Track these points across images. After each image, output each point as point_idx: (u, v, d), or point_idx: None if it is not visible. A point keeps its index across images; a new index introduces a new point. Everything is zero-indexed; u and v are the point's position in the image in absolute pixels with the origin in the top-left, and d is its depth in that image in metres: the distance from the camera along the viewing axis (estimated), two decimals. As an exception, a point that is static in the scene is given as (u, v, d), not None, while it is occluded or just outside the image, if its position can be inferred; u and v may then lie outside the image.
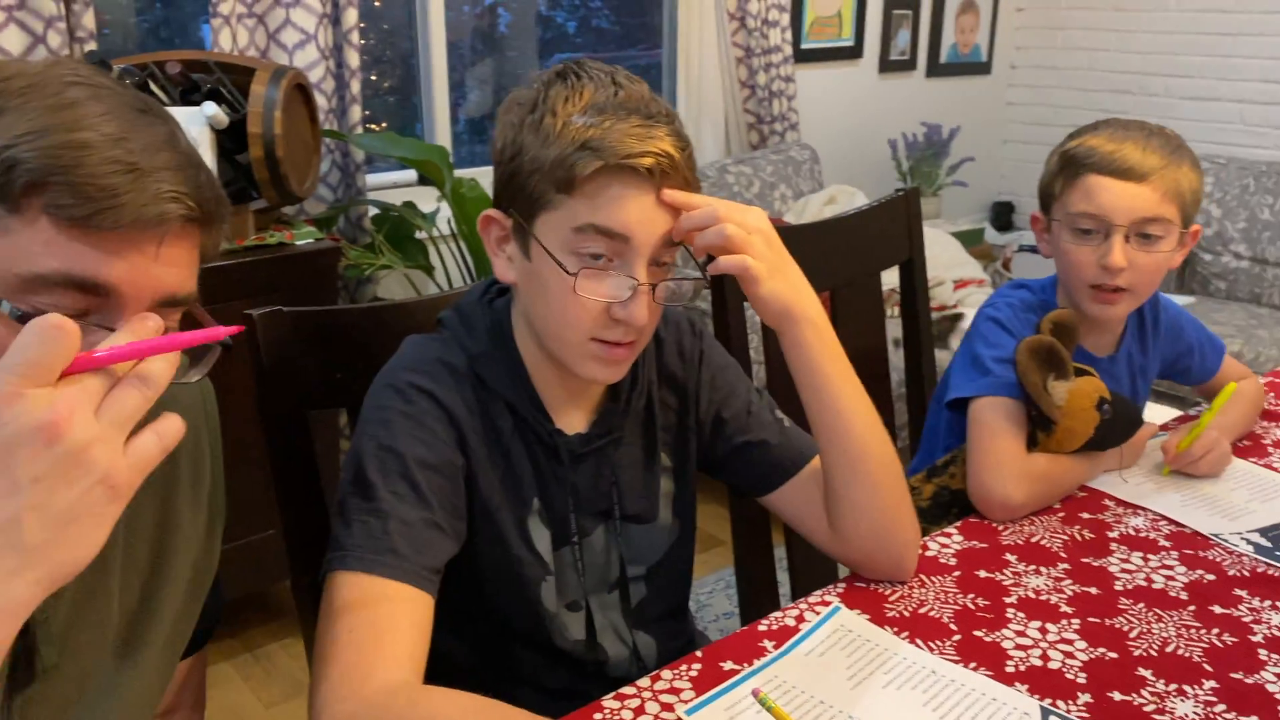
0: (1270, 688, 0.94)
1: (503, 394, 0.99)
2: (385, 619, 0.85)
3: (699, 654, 0.97)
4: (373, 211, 2.65)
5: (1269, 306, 3.28)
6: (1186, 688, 0.93)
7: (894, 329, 1.84)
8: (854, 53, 3.87)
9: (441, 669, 0.93)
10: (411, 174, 2.90)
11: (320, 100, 2.48)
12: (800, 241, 1.18)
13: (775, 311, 1.00)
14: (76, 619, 0.76)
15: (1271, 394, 1.64)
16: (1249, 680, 0.95)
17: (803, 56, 3.65)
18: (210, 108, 1.93)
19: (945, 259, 3.15)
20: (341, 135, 2.52)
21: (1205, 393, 1.56)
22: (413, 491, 0.91)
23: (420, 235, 2.65)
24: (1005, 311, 1.35)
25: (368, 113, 2.78)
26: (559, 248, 0.91)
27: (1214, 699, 0.92)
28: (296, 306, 1.09)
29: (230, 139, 2.03)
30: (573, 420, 1.04)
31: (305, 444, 1.11)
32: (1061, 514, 1.26)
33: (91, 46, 2.17)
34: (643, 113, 0.90)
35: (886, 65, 3.99)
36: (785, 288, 0.99)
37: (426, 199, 2.74)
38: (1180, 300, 3.30)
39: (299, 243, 2.16)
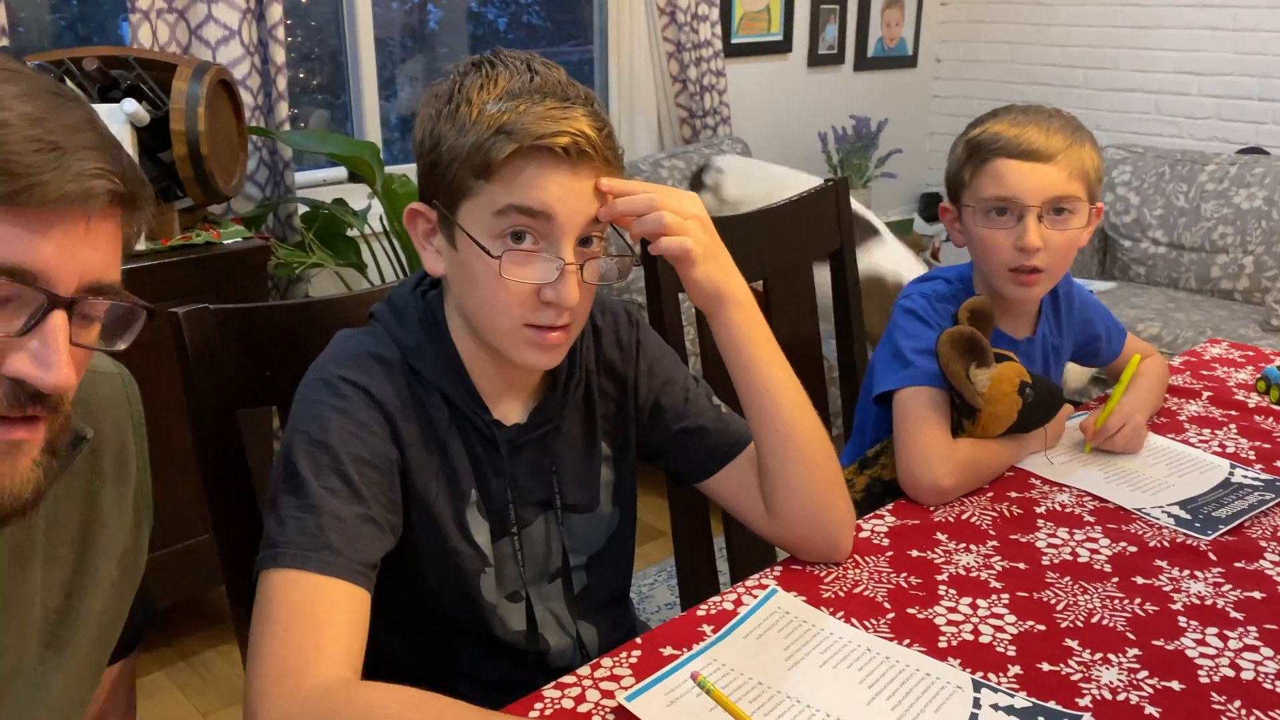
0: (1190, 653, 0.97)
1: (438, 385, 0.99)
2: (320, 616, 0.84)
3: (639, 641, 0.97)
4: (302, 209, 2.61)
5: (1186, 290, 3.39)
6: (1111, 656, 0.96)
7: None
8: (783, 47, 3.91)
9: (380, 665, 0.93)
10: (341, 171, 2.85)
11: (246, 97, 2.44)
12: (732, 232, 1.19)
13: (708, 294, 1.01)
14: None
15: (1187, 372, 1.70)
16: (1169, 647, 0.98)
17: (733, 51, 3.67)
18: (130, 104, 1.88)
19: (876, 249, 3.19)
20: (268, 132, 2.48)
21: (1112, 373, 1.61)
22: (346, 486, 0.91)
23: (352, 233, 2.62)
24: (920, 303, 1.38)
25: (295, 111, 2.74)
26: (483, 234, 0.91)
27: (1137, 666, 0.95)
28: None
29: (152, 136, 1.99)
30: (511, 411, 1.04)
31: (235, 444, 1.10)
32: (990, 493, 1.29)
33: (4, 43, 2.11)
34: (558, 95, 0.91)
35: (815, 59, 4.03)
36: (718, 270, 1.01)
37: (358, 196, 2.71)
38: (1101, 285, 3.39)
39: (227, 241, 2.12)
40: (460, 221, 0.93)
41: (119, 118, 1.88)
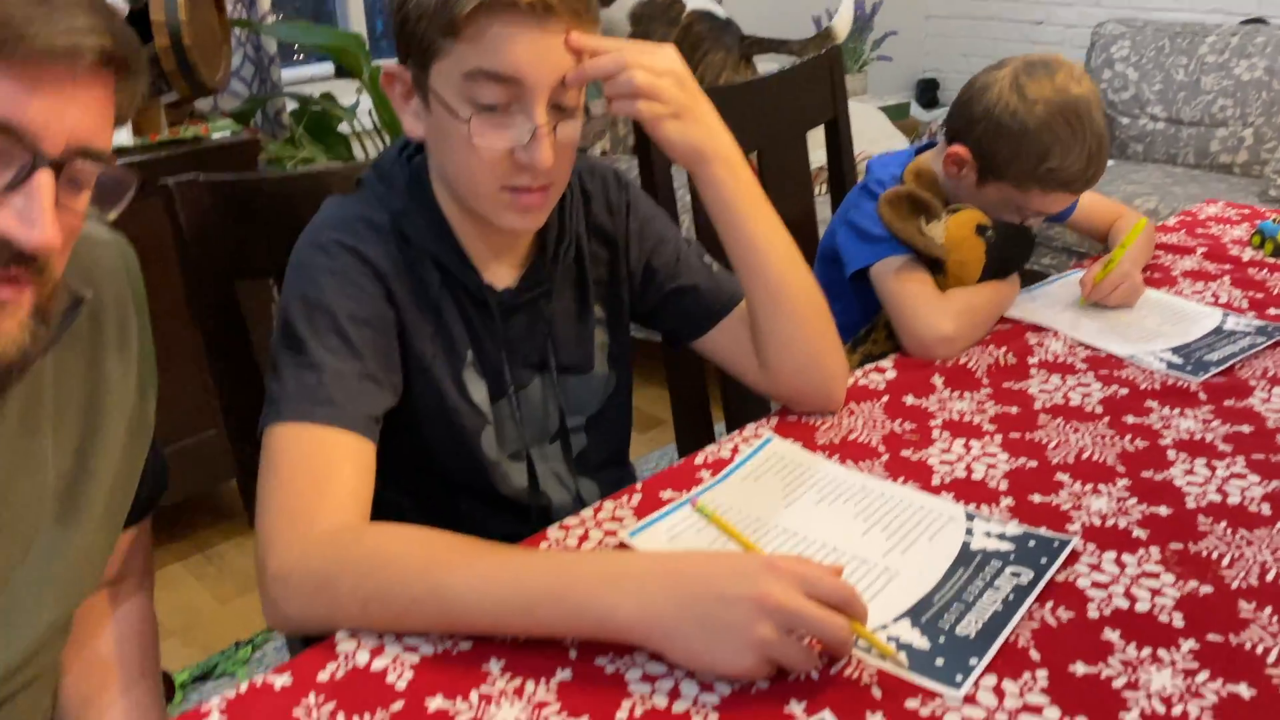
0: (1177, 482, 0.99)
1: (427, 249, 0.99)
2: (326, 465, 0.86)
3: (638, 486, 1.00)
4: (291, 106, 2.58)
5: (1184, 165, 3.36)
6: (1101, 487, 0.99)
7: (823, 209, 1.86)
8: (774, -72, 3.80)
9: (386, 521, 0.95)
10: (328, 68, 2.82)
11: (225, -10, 2.38)
12: (724, 103, 1.17)
13: (684, 152, 1.00)
14: (9, 484, 0.76)
15: (1182, 230, 1.70)
16: (1158, 477, 1.00)
17: (723, -67, 3.57)
18: (107, -5, 1.85)
19: (871, 132, 3.16)
20: (251, 24, 2.43)
21: (1078, 227, 1.64)
22: (344, 345, 0.91)
23: (343, 129, 2.59)
24: (877, 189, 1.38)
25: (280, 16, 2.67)
26: (454, 96, 0.90)
27: (1126, 494, 0.97)
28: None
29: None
30: (501, 274, 1.04)
31: (235, 314, 1.11)
32: (987, 345, 1.30)
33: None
34: None
35: (808, -60, 3.93)
36: (695, 127, 0.98)
37: (346, 93, 2.67)
38: (1101, 162, 3.36)
39: (215, 135, 2.10)
40: (432, 83, 0.91)
41: (97, 9, 1.84)
